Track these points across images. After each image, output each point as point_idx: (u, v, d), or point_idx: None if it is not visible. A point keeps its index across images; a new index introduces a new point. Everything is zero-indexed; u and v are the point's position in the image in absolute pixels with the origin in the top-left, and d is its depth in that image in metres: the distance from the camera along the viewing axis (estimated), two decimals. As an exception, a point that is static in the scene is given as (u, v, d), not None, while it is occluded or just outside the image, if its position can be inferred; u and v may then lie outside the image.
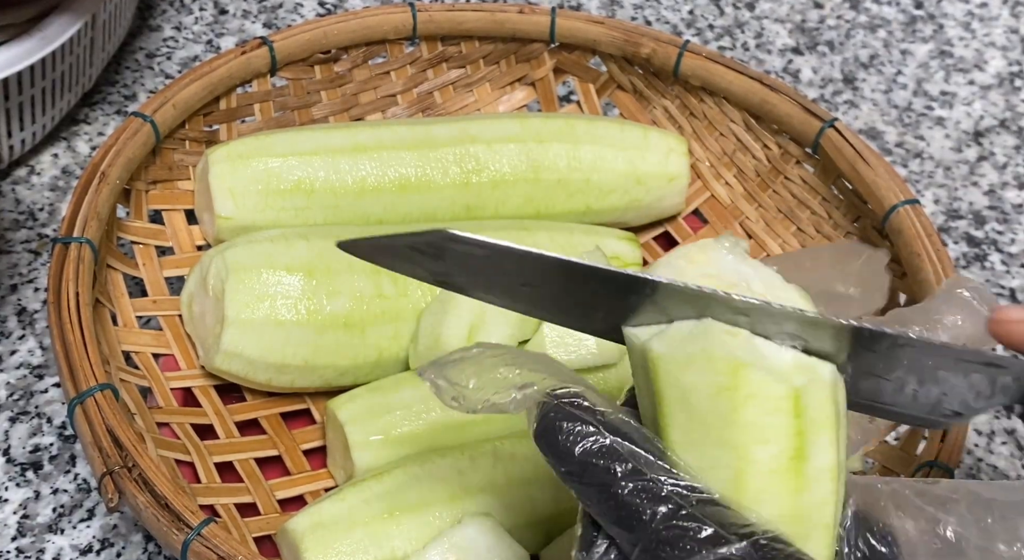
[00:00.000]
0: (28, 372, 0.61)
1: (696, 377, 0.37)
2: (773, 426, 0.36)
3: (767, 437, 0.36)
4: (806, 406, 0.37)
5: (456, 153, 0.62)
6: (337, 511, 0.51)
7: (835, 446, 0.37)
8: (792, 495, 0.37)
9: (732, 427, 0.36)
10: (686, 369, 0.37)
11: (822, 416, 0.37)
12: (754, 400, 0.36)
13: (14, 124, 0.65)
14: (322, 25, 0.64)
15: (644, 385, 0.38)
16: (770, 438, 0.36)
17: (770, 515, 0.36)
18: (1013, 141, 0.78)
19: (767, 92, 0.64)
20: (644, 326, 0.39)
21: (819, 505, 0.37)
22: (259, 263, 0.55)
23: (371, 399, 0.56)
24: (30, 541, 0.55)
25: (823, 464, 0.37)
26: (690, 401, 0.37)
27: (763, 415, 0.36)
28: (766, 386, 0.36)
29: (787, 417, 0.36)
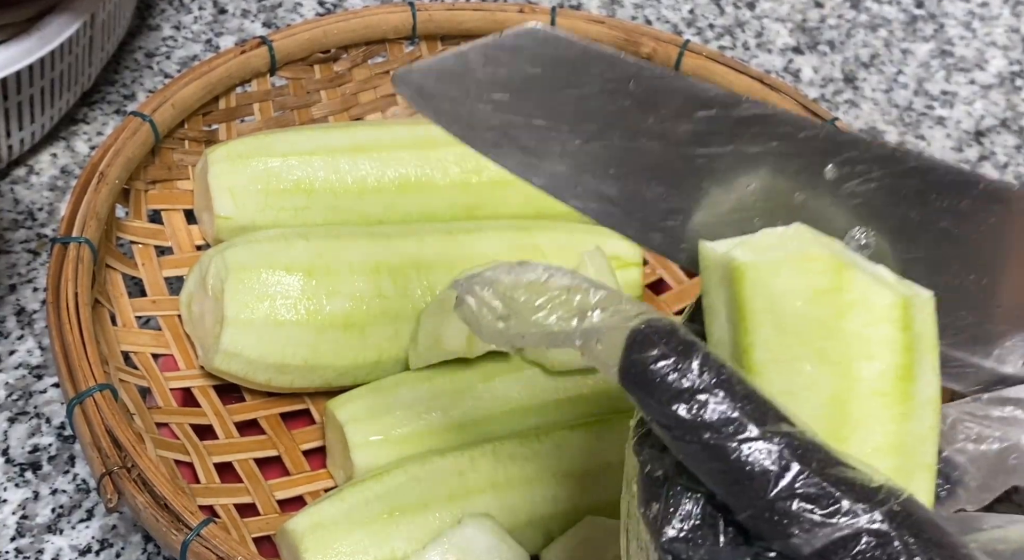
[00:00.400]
0: (27, 372, 0.61)
1: (791, 281, 0.32)
2: (880, 339, 0.32)
3: (873, 351, 0.32)
4: (914, 319, 0.32)
5: (456, 153, 0.62)
6: (337, 511, 0.51)
7: (937, 373, 0.33)
8: (897, 422, 0.33)
9: (833, 338, 0.32)
10: (778, 274, 0.32)
11: (928, 333, 0.33)
12: (859, 307, 0.32)
13: (13, 124, 0.65)
14: (322, 24, 0.64)
15: (721, 304, 0.34)
16: (876, 353, 0.32)
17: (874, 445, 0.32)
18: (1014, 141, 0.78)
19: (767, 92, 0.64)
20: (722, 239, 0.35)
21: (922, 439, 0.33)
22: (259, 263, 0.55)
23: (371, 399, 0.55)
24: (29, 541, 0.55)
25: (929, 390, 0.33)
26: (783, 311, 0.32)
27: (869, 325, 0.32)
28: (873, 292, 0.32)
29: (895, 329, 0.32)
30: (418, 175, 0.61)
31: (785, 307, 0.32)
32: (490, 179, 0.62)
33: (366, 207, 0.61)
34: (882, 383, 0.32)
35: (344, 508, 0.51)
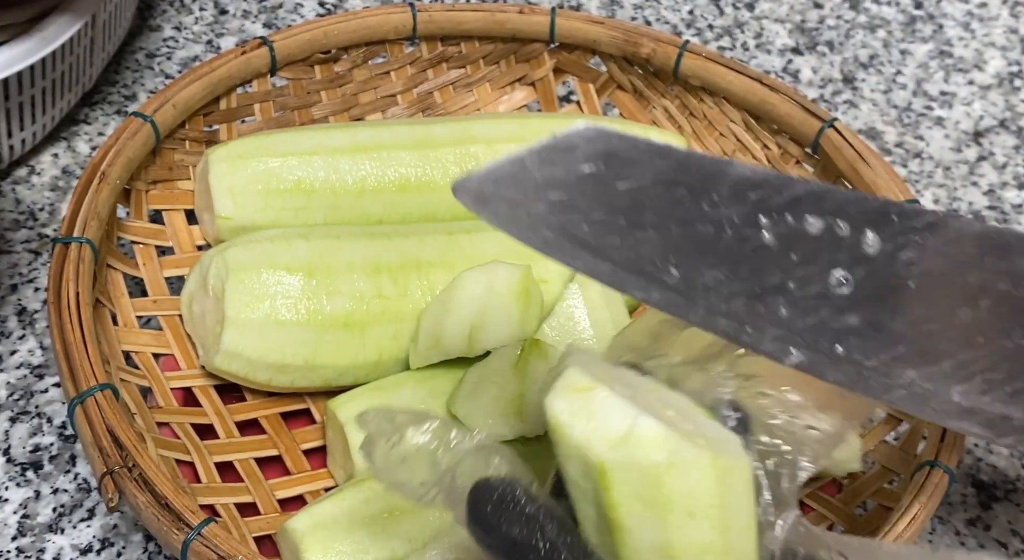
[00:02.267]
0: (28, 372, 0.61)
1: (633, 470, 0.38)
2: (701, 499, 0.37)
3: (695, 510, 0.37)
4: (729, 482, 0.37)
5: (456, 153, 0.62)
6: (337, 511, 0.51)
7: (752, 527, 0.38)
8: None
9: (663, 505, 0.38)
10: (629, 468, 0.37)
11: (744, 492, 0.38)
12: (682, 476, 0.37)
13: (14, 124, 0.66)
14: (322, 25, 0.64)
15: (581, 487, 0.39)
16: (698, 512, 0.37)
17: None
18: (1013, 141, 0.78)
19: (767, 92, 0.64)
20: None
21: None
22: (259, 263, 0.55)
23: (371, 399, 0.56)
24: (30, 541, 0.55)
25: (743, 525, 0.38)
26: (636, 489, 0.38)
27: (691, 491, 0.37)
28: (693, 464, 0.37)
29: (714, 491, 0.37)
30: (418, 175, 0.61)
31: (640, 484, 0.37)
32: (490, 179, 0.62)
33: (366, 207, 0.61)
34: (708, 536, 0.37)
35: (344, 508, 0.51)
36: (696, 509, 0.37)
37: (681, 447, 0.37)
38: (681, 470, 0.37)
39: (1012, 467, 0.62)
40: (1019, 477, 0.62)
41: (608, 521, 0.38)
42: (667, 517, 0.37)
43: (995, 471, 0.62)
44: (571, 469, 0.39)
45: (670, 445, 0.37)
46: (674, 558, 0.38)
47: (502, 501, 0.39)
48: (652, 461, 0.37)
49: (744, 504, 0.39)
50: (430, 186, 0.62)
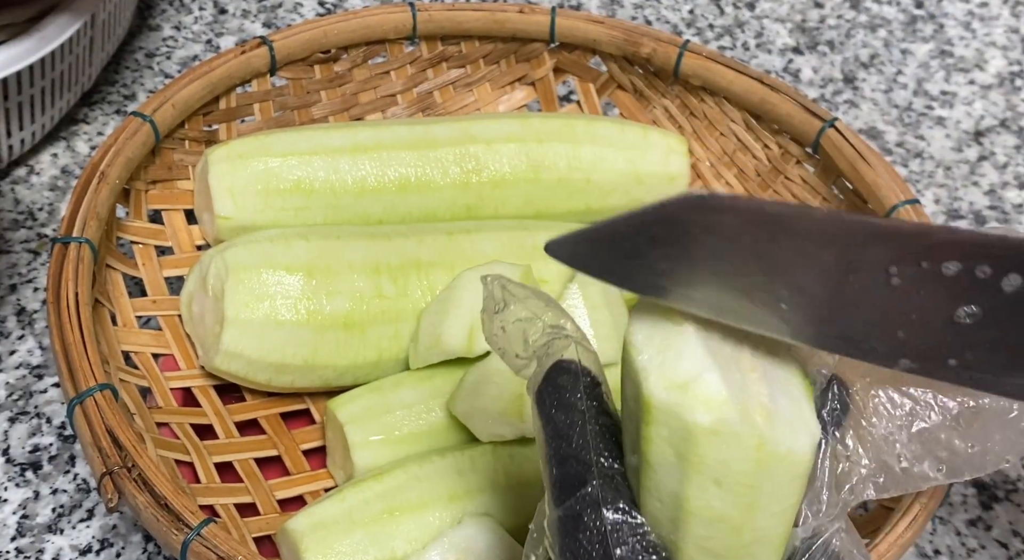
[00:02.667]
0: (27, 372, 0.61)
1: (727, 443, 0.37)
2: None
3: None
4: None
5: (456, 153, 0.62)
6: (337, 511, 0.51)
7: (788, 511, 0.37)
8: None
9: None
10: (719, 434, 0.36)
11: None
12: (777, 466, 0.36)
13: (13, 124, 0.65)
14: (322, 25, 0.64)
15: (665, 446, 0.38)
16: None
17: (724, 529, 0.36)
18: (1013, 141, 0.78)
19: (767, 92, 0.64)
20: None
21: (772, 535, 0.37)
22: (259, 263, 0.55)
23: (371, 399, 0.56)
24: (29, 541, 0.55)
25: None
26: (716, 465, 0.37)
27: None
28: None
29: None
30: (418, 175, 0.61)
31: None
32: (490, 179, 0.62)
33: (366, 207, 0.61)
34: (728, 508, 0.36)
35: (344, 508, 0.51)
36: (725, 480, 0.36)
37: (732, 419, 0.35)
38: (722, 440, 0.36)
39: (1013, 467, 0.62)
40: (1020, 477, 0.62)
41: (641, 452, 0.37)
42: (693, 476, 0.36)
43: (996, 471, 0.62)
44: (627, 387, 0.38)
45: (722, 413, 0.35)
46: (685, 511, 0.37)
47: (566, 390, 0.38)
48: (695, 420, 0.35)
49: (785, 493, 0.37)
50: (430, 186, 0.61)
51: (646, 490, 0.37)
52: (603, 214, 0.65)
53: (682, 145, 0.66)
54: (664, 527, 0.37)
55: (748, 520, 0.37)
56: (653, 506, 0.37)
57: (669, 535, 0.37)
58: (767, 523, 0.37)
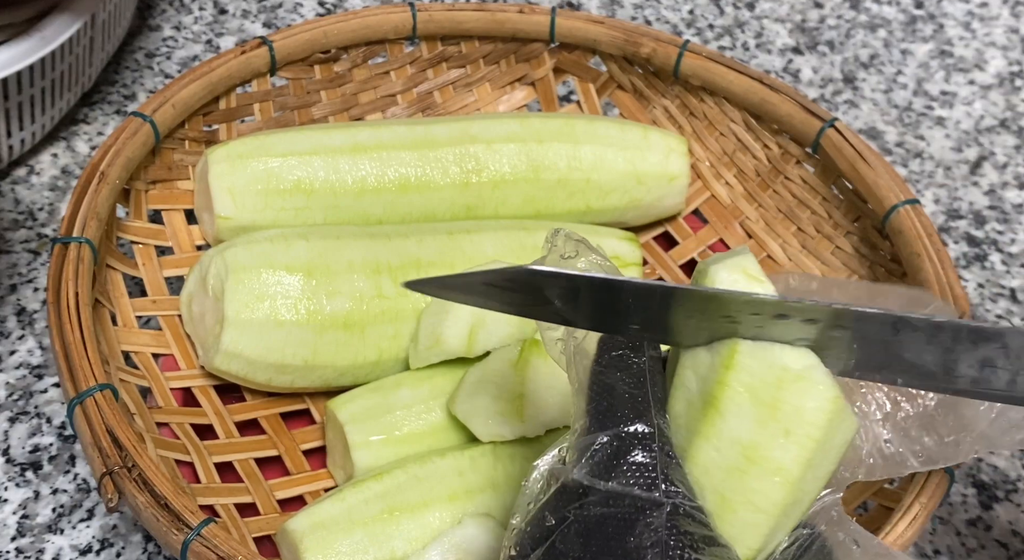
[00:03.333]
0: (28, 372, 0.61)
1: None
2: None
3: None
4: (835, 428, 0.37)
5: (456, 153, 0.62)
6: (337, 511, 0.51)
7: (820, 477, 0.38)
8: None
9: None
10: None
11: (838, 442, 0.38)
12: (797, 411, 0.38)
13: (13, 124, 0.65)
14: (322, 25, 0.64)
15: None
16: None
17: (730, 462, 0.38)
18: (1013, 141, 0.78)
19: (767, 92, 0.64)
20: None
21: (772, 489, 0.38)
22: (259, 263, 0.55)
23: (371, 399, 0.56)
24: (29, 541, 0.55)
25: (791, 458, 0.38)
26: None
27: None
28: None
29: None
30: (418, 175, 0.61)
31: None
32: (490, 179, 0.62)
33: (366, 207, 0.61)
34: (788, 461, 0.38)
35: (344, 508, 0.51)
36: (794, 430, 0.37)
37: (818, 369, 0.37)
38: (805, 388, 0.37)
39: (1013, 468, 0.62)
40: (1020, 477, 0.62)
41: (708, 398, 0.38)
42: (766, 422, 0.37)
43: (996, 471, 0.62)
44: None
45: (809, 361, 0.37)
46: (750, 461, 0.38)
47: (624, 345, 0.40)
48: (784, 365, 0.37)
49: (833, 456, 0.39)
50: (430, 186, 0.61)
51: (704, 439, 0.38)
52: (603, 214, 0.65)
53: (682, 145, 0.66)
54: (714, 477, 0.38)
55: (802, 476, 0.38)
56: (707, 457, 0.38)
57: (719, 485, 0.38)
58: (812, 485, 0.38)
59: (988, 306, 0.70)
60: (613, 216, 0.65)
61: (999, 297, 0.70)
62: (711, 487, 0.38)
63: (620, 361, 0.39)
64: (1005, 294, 0.70)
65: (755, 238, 0.67)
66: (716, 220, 0.68)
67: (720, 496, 0.38)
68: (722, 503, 0.38)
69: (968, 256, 0.72)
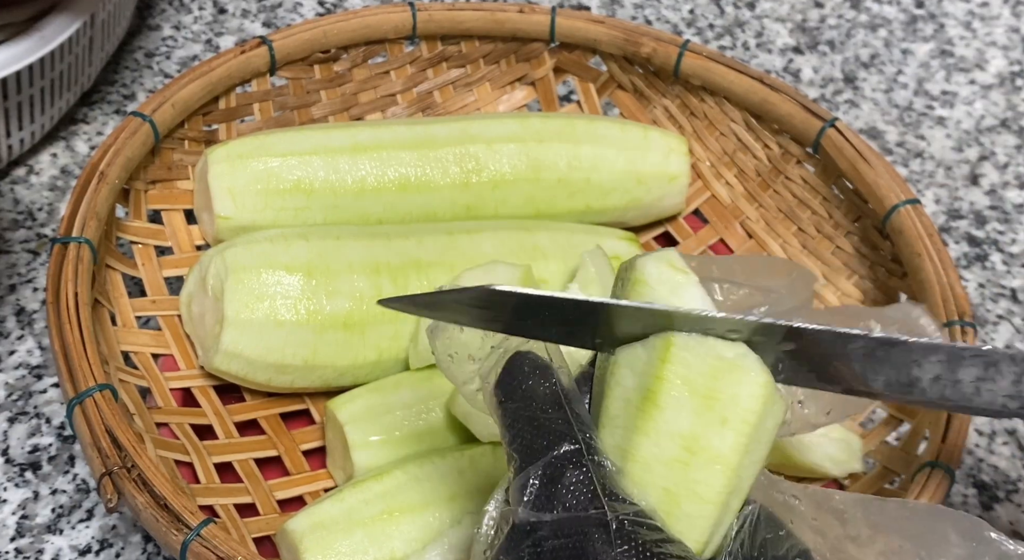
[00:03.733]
0: (27, 372, 0.61)
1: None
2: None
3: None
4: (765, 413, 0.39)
5: (456, 153, 0.62)
6: (337, 512, 0.51)
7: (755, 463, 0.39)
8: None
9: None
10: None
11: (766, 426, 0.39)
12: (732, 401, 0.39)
13: (13, 124, 0.65)
14: (321, 24, 0.64)
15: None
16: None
17: (669, 455, 0.39)
18: (1014, 141, 0.78)
19: (768, 92, 0.64)
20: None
21: (714, 475, 0.39)
22: (258, 263, 0.55)
23: (371, 399, 0.55)
24: (29, 541, 0.55)
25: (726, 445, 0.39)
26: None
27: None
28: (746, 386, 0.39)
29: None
30: (418, 175, 0.61)
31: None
32: (490, 179, 0.62)
33: (366, 207, 0.61)
34: (726, 448, 0.39)
35: (344, 508, 0.51)
36: (731, 418, 0.38)
37: (750, 357, 0.39)
38: (739, 376, 0.38)
39: (1013, 468, 0.62)
40: (1020, 477, 0.62)
41: (646, 394, 0.39)
42: (703, 412, 0.38)
43: (996, 471, 0.62)
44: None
45: (741, 350, 0.39)
46: (691, 452, 0.38)
47: (531, 375, 0.41)
48: (718, 354, 0.39)
49: (766, 439, 0.40)
50: (430, 186, 0.61)
51: (644, 435, 0.39)
52: (603, 214, 0.65)
53: (682, 145, 0.66)
54: (656, 473, 0.39)
55: (740, 462, 0.39)
56: (648, 453, 0.39)
57: (662, 480, 0.39)
58: (750, 470, 0.39)
59: (989, 306, 0.70)
60: (613, 216, 0.65)
61: (1000, 297, 0.70)
62: (654, 483, 0.39)
63: (530, 392, 0.40)
64: (1006, 294, 0.70)
65: (755, 238, 0.67)
66: (716, 220, 0.68)
67: (664, 491, 0.39)
68: (667, 497, 0.39)
69: (969, 256, 0.72)
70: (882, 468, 0.56)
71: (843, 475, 0.57)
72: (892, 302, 0.62)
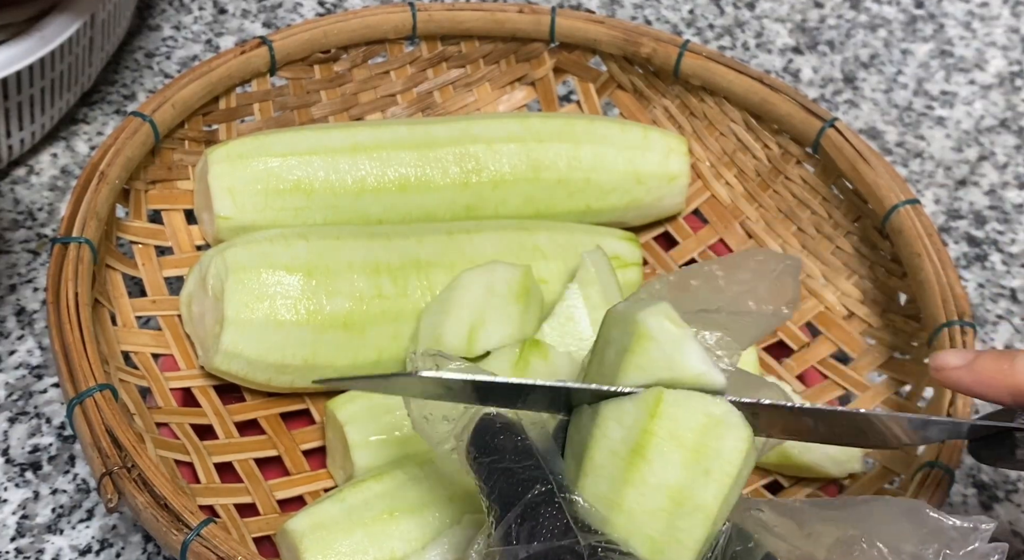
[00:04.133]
0: (27, 372, 0.61)
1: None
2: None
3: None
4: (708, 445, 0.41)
5: (456, 153, 0.62)
6: (337, 511, 0.51)
7: (722, 488, 0.41)
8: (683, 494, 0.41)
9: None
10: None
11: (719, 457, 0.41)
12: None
13: (13, 124, 0.65)
14: (321, 25, 0.64)
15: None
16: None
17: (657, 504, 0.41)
18: (1013, 141, 0.78)
19: (767, 92, 0.64)
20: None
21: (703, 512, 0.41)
22: (258, 263, 0.55)
23: (371, 399, 0.55)
24: (29, 541, 0.55)
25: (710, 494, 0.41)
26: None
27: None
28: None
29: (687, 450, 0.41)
30: (418, 175, 0.61)
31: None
32: (490, 179, 0.62)
33: (366, 207, 0.61)
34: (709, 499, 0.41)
35: (344, 508, 0.51)
36: (714, 469, 0.40)
37: (735, 413, 0.40)
38: (724, 431, 0.40)
39: (1013, 467, 0.62)
40: (1020, 478, 0.62)
41: (635, 447, 0.40)
42: (690, 465, 0.40)
43: (996, 472, 0.62)
44: (629, 377, 0.42)
45: (726, 407, 0.40)
46: (676, 503, 0.40)
47: (501, 431, 0.43)
48: (708, 411, 0.40)
49: (742, 484, 0.42)
50: (430, 186, 0.61)
51: (631, 486, 0.41)
52: (603, 214, 0.65)
53: (682, 145, 0.66)
54: (641, 522, 0.41)
55: (719, 510, 0.41)
56: (635, 503, 0.41)
57: (646, 528, 0.41)
58: (725, 513, 0.41)
59: (988, 306, 0.70)
60: (613, 216, 0.65)
61: (999, 297, 0.70)
62: (639, 532, 0.41)
63: (501, 446, 0.43)
64: (1005, 294, 0.70)
65: (755, 238, 0.67)
66: (716, 220, 0.68)
67: (649, 539, 0.41)
68: (651, 545, 0.40)
69: (968, 256, 0.72)
70: (882, 468, 0.56)
71: (843, 475, 0.57)
72: (892, 302, 0.62)
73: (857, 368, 0.61)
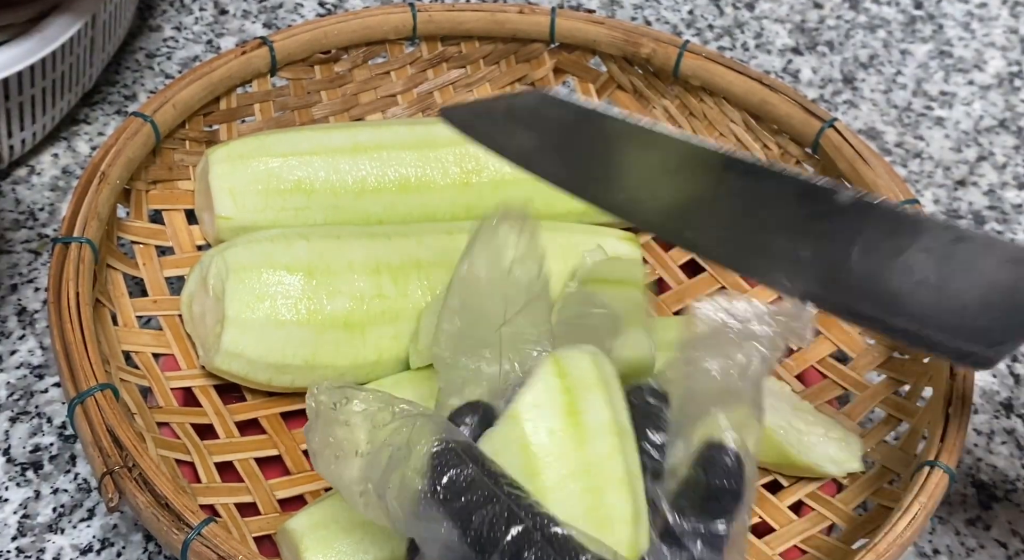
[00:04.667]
0: (28, 372, 0.61)
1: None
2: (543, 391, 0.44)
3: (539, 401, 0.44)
4: (568, 369, 0.44)
5: (456, 153, 0.62)
6: (337, 511, 0.51)
7: (606, 404, 0.44)
8: (576, 450, 0.43)
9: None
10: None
11: (588, 377, 0.44)
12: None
13: (14, 124, 0.66)
14: (322, 25, 0.64)
15: None
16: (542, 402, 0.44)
17: (564, 472, 0.42)
18: (1012, 141, 0.78)
19: (767, 92, 0.64)
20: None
21: (604, 458, 0.43)
22: (259, 263, 0.55)
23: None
24: (30, 541, 0.55)
25: (599, 418, 0.44)
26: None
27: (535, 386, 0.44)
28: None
29: (554, 377, 0.44)
30: (418, 175, 0.61)
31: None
32: (490, 179, 0.62)
33: (366, 207, 0.61)
34: (552, 422, 0.43)
35: (344, 508, 0.51)
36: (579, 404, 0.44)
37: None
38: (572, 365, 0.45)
39: (1012, 467, 0.62)
40: (1019, 477, 0.62)
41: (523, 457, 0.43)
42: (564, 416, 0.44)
43: (995, 471, 0.62)
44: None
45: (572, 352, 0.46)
46: (576, 445, 0.43)
47: (464, 462, 0.42)
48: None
49: (618, 388, 0.46)
50: (430, 186, 0.62)
51: (541, 477, 0.43)
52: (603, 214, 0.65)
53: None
54: (568, 492, 0.43)
55: (616, 421, 0.44)
56: (553, 485, 0.43)
57: (577, 490, 0.43)
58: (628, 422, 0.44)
59: (987, 306, 0.70)
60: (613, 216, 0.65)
61: (998, 297, 0.70)
62: (576, 500, 0.43)
63: (460, 484, 0.42)
64: (1004, 294, 0.70)
65: (755, 238, 0.67)
66: (716, 220, 0.68)
67: (584, 492, 0.43)
68: (591, 497, 0.43)
69: (967, 256, 0.72)
70: (881, 467, 0.56)
71: (842, 474, 0.57)
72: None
73: (856, 368, 0.61)
